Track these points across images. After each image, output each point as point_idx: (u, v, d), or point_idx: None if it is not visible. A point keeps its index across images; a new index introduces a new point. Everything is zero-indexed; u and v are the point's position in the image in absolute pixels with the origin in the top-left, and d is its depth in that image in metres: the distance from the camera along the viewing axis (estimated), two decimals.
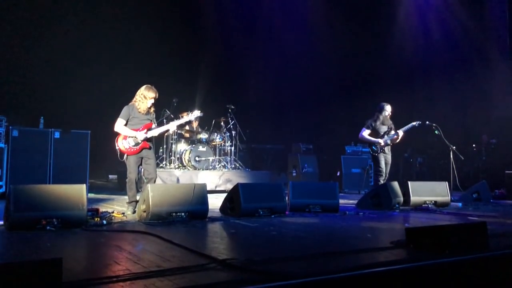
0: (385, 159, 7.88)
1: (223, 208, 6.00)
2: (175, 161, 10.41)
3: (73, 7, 11.80)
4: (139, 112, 5.84)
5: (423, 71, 14.74)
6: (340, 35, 14.16)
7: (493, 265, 3.35)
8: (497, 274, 3.34)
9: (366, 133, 7.98)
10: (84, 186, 4.74)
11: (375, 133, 7.93)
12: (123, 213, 5.62)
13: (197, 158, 10.16)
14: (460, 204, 7.51)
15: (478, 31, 12.97)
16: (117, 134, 5.79)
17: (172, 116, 9.91)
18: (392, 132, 7.90)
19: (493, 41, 12.99)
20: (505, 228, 4.86)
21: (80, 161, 8.06)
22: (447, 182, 7.43)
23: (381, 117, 7.93)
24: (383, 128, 7.91)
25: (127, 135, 5.74)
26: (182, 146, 10.62)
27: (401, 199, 6.86)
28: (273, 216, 5.71)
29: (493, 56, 12.78)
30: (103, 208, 5.96)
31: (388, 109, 7.98)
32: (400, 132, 7.90)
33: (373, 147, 7.90)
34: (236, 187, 5.74)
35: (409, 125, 7.99)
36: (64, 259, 2.29)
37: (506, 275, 3.38)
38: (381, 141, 7.82)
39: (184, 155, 10.30)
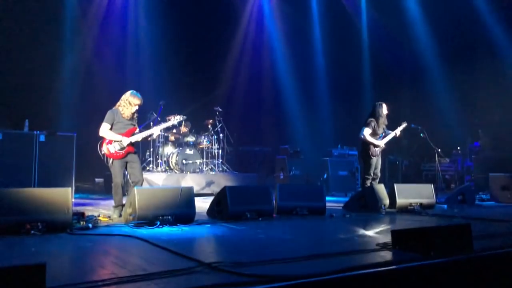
0: (377, 162, 7.75)
1: (210, 211, 5.98)
2: (162, 164, 10.35)
3: (61, 8, 11.68)
4: (123, 117, 5.81)
5: (409, 74, 14.92)
6: (329, 38, 14.27)
7: (477, 266, 3.40)
8: (481, 275, 3.38)
9: (367, 132, 7.58)
10: (69, 189, 4.70)
11: (373, 134, 7.65)
12: (109, 217, 5.58)
13: (184, 161, 10.11)
14: (445, 206, 7.59)
15: (465, 33, 13.14)
16: (102, 138, 5.75)
17: (159, 119, 9.85)
18: (390, 133, 7.75)
19: (480, 43, 13.17)
20: (489, 230, 4.93)
21: (65, 164, 7.94)
22: (432, 184, 7.50)
23: (381, 117, 7.69)
24: (380, 130, 7.72)
25: (113, 139, 5.69)
26: (169, 149, 10.55)
27: (387, 201, 6.89)
28: (260, 218, 5.71)
29: (478, 58, 12.96)
30: (88, 212, 5.89)
31: (385, 108, 7.77)
32: (398, 132, 7.75)
33: (371, 151, 7.58)
34: (224, 190, 5.73)
35: (402, 127, 7.86)
36: (49, 263, 2.26)
37: (490, 276, 3.42)
38: (382, 143, 7.65)
39: (171, 158, 10.23)
